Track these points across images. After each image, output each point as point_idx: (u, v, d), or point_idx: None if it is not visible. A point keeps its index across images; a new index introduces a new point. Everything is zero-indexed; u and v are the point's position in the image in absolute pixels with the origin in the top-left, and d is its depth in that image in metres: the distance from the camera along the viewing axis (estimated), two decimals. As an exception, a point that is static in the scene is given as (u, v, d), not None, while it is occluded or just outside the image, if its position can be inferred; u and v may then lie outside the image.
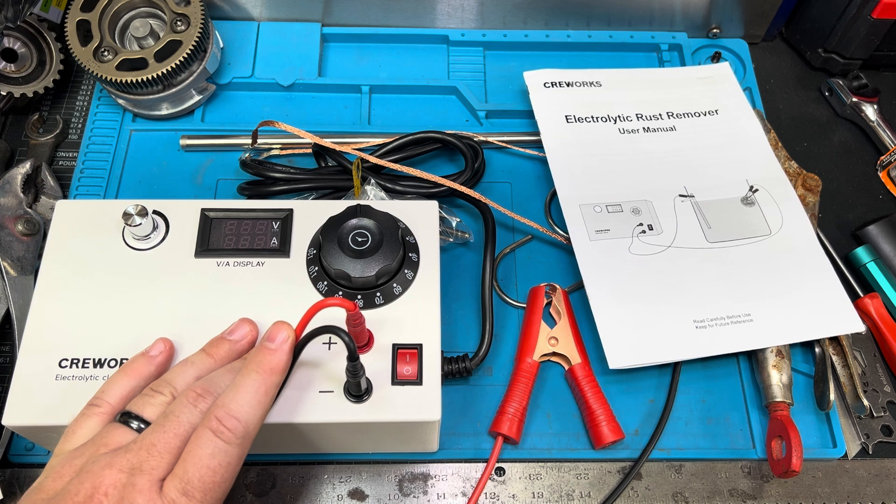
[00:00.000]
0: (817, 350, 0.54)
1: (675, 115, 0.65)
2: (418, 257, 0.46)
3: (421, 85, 0.67)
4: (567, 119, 0.63)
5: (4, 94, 0.61)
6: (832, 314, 0.54)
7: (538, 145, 0.63)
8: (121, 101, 0.62)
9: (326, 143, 0.57)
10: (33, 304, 0.44)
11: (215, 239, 0.47)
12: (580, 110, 0.64)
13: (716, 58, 0.71)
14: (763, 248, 0.57)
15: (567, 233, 0.57)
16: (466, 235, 0.57)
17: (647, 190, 0.60)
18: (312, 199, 0.57)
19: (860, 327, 0.53)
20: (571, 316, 0.54)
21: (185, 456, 0.35)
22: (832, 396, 0.52)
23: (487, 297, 0.53)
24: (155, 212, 0.47)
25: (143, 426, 0.37)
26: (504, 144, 0.63)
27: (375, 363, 0.43)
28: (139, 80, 0.58)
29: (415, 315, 0.45)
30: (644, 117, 0.64)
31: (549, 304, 0.55)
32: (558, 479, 0.50)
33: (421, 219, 0.48)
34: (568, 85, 0.65)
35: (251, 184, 0.58)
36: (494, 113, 0.66)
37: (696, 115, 0.65)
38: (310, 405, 0.41)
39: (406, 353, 0.43)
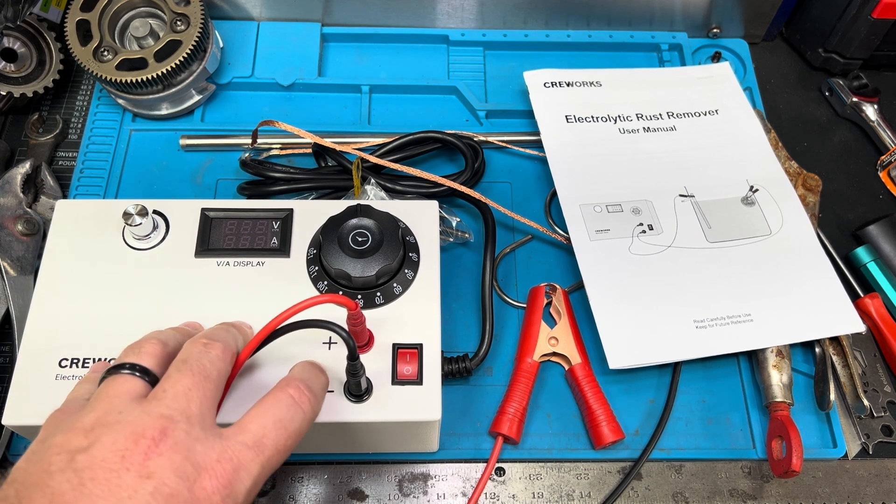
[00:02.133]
0: (817, 350, 0.54)
1: (675, 115, 0.65)
2: (418, 257, 0.46)
3: (421, 85, 0.67)
4: (567, 119, 0.63)
5: (4, 93, 0.61)
6: (832, 314, 0.54)
7: (538, 145, 0.63)
8: (121, 101, 0.62)
9: (326, 142, 0.57)
10: (33, 304, 0.44)
11: (215, 239, 0.47)
12: (580, 110, 0.64)
13: (716, 58, 0.71)
14: (763, 248, 0.57)
15: (567, 233, 0.57)
16: (466, 235, 0.57)
17: (648, 190, 0.60)
18: (312, 199, 0.57)
19: (860, 327, 0.53)
20: (571, 316, 0.54)
21: (262, 412, 0.32)
22: (832, 396, 0.52)
23: (487, 297, 0.53)
24: (155, 211, 0.47)
25: (144, 375, 0.33)
26: (504, 144, 0.63)
27: (375, 363, 0.43)
28: (139, 80, 0.58)
29: (415, 315, 0.44)
30: (644, 117, 0.64)
31: (549, 304, 0.55)
32: (558, 480, 0.50)
33: (421, 219, 0.48)
34: (568, 85, 0.65)
35: (251, 184, 0.58)
36: (494, 113, 0.66)
37: (697, 114, 0.65)
38: (310, 405, 0.41)
39: (406, 352, 0.43)
